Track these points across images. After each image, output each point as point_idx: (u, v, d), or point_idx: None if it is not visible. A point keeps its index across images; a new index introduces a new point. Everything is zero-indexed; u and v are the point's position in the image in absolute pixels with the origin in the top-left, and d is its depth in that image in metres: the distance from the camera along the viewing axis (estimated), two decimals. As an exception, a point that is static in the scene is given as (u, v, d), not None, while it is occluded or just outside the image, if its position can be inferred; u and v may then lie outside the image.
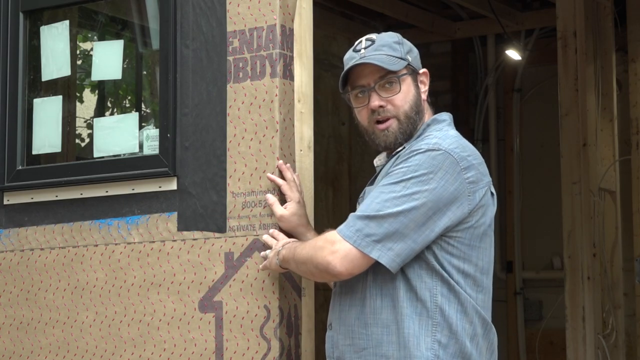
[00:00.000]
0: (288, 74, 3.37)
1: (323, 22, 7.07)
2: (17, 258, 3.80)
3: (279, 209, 3.26)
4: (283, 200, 3.28)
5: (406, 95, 3.04)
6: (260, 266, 3.24)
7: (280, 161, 3.30)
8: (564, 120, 6.27)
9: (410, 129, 3.04)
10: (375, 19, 7.73)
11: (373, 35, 3.10)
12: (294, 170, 3.34)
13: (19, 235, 3.81)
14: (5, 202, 3.86)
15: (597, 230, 6.33)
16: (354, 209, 3.07)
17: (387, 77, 3.03)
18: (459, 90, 7.96)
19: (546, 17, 7.20)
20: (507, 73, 8.04)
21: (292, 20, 3.40)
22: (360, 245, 2.87)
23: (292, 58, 3.39)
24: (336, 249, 2.89)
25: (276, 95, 3.34)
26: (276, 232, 3.25)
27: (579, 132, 6.23)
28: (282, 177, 3.29)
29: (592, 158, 6.27)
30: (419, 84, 3.09)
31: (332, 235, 2.93)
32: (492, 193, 3.01)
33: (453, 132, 3.03)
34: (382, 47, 3.04)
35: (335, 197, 7.42)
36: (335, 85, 7.56)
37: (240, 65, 3.42)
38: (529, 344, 7.80)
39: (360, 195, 3.15)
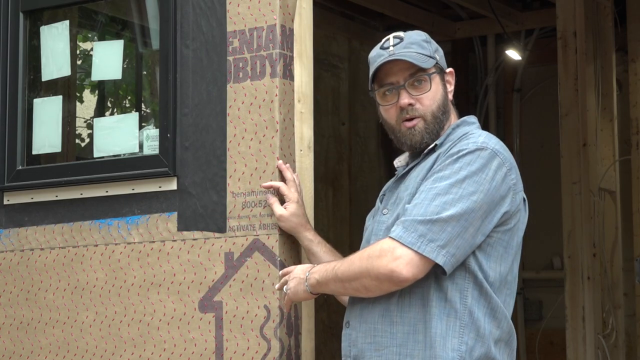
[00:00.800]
0: (288, 74, 3.37)
1: (323, 22, 7.06)
2: (17, 258, 3.80)
3: (278, 209, 3.25)
4: (283, 200, 3.28)
5: (435, 94, 3.00)
6: (284, 302, 3.13)
7: (280, 161, 3.29)
8: (564, 120, 6.27)
9: (437, 129, 3.00)
10: (375, 19, 7.73)
11: (401, 33, 3.04)
12: (294, 170, 3.34)
13: (19, 235, 3.81)
14: (5, 202, 3.86)
15: (597, 230, 6.33)
16: (354, 209, 3.07)
17: (417, 75, 2.98)
18: (459, 90, 7.92)
19: (546, 17, 7.20)
20: (507, 73, 8.05)
21: (292, 20, 3.40)
22: (425, 251, 2.79)
23: (292, 58, 3.39)
24: (398, 255, 2.80)
25: (276, 95, 3.34)
26: (285, 270, 3.16)
27: (579, 132, 6.23)
28: (282, 177, 3.28)
29: (592, 158, 6.27)
30: (446, 84, 3.05)
31: (388, 242, 2.83)
32: (524, 198, 2.98)
33: (487, 133, 3.00)
34: (411, 45, 2.99)
35: (335, 197, 7.42)
36: (335, 85, 7.59)
37: (240, 65, 3.42)
38: (529, 344, 7.80)
39: (379, 198, 3.09)
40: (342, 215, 7.38)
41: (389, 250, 2.81)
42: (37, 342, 3.71)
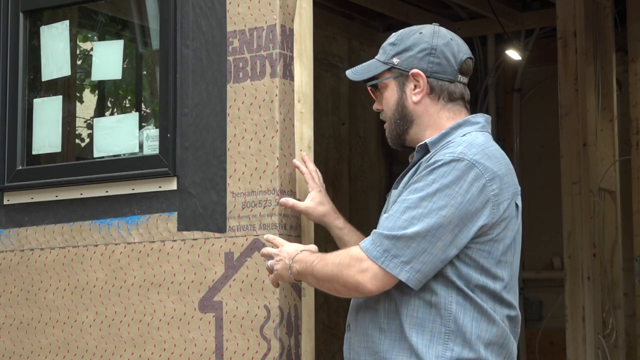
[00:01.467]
0: (288, 74, 3.37)
1: (323, 22, 7.06)
2: (17, 258, 3.80)
3: (301, 205, 3.26)
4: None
5: (388, 100, 3.01)
6: (271, 278, 3.13)
7: (304, 153, 3.32)
8: (564, 120, 6.27)
9: (399, 132, 2.99)
10: (375, 19, 7.73)
11: (392, 34, 3.06)
12: (295, 169, 3.34)
13: (19, 235, 3.81)
14: (5, 202, 3.86)
15: (597, 230, 6.33)
16: (354, 209, 3.07)
17: (369, 84, 3.05)
18: (459, 90, 7.95)
19: (546, 17, 7.20)
20: (507, 73, 8.04)
21: (292, 20, 3.40)
22: (388, 267, 2.79)
23: (292, 58, 3.39)
24: (364, 267, 2.81)
25: (276, 95, 3.34)
26: (271, 237, 3.18)
27: (579, 132, 6.23)
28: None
29: (592, 158, 6.27)
30: (407, 86, 2.98)
31: (357, 252, 2.83)
32: (516, 205, 2.91)
33: (482, 138, 2.92)
34: (380, 50, 3.04)
35: (335, 197, 7.40)
36: (335, 85, 7.59)
37: (240, 65, 3.42)
38: (529, 344, 7.80)
39: (387, 198, 3.07)
40: (343, 215, 7.37)
41: (357, 261, 2.82)
42: (37, 342, 3.71)
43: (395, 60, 2.98)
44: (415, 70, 2.96)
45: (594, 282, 6.17)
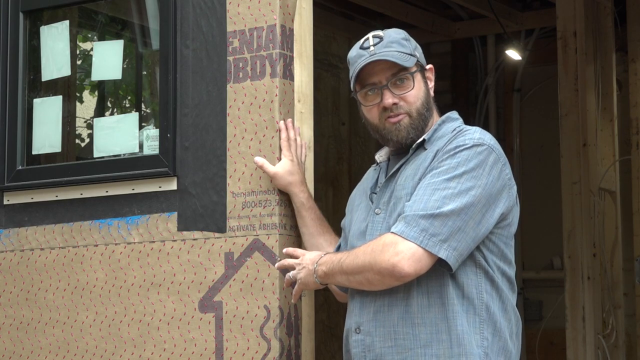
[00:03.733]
0: (288, 74, 3.37)
1: (323, 22, 7.06)
2: (17, 258, 3.79)
3: (270, 168, 3.26)
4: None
5: (418, 91, 3.02)
6: (293, 292, 3.13)
7: (289, 120, 3.32)
8: (564, 120, 6.27)
9: (422, 125, 3.02)
10: (375, 19, 7.72)
11: (380, 32, 3.05)
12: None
13: (19, 235, 3.81)
14: (5, 202, 3.86)
15: (597, 230, 6.33)
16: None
17: (399, 74, 2.99)
18: (459, 90, 7.96)
19: (546, 17, 7.20)
20: (507, 73, 8.04)
21: (292, 20, 3.40)
22: (427, 245, 2.80)
23: (292, 58, 3.39)
24: (400, 249, 2.80)
25: (276, 95, 3.34)
26: (291, 250, 3.18)
27: (579, 132, 6.23)
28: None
29: (592, 158, 6.27)
30: (427, 80, 3.07)
31: (390, 237, 2.83)
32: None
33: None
34: (391, 44, 3.00)
35: (335, 197, 7.41)
36: (335, 85, 7.59)
37: (240, 65, 3.42)
38: (529, 344, 7.79)
39: (368, 197, 3.09)
40: (342, 215, 7.36)
41: (391, 245, 2.82)
42: (37, 342, 3.71)
43: (417, 54, 3.05)
44: (431, 66, 3.10)
45: (594, 282, 6.17)
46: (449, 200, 2.82)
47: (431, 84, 3.09)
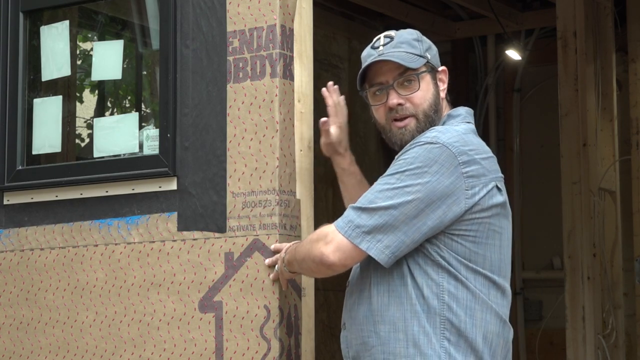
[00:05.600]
0: (288, 74, 3.37)
1: (323, 22, 7.06)
2: (17, 258, 3.79)
3: (329, 137, 3.33)
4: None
5: (425, 93, 3.01)
6: (271, 276, 3.23)
7: (330, 82, 3.36)
8: (564, 120, 6.27)
9: (428, 128, 3.00)
10: (375, 19, 7.72)
11: (392, 32, 3.05)
12: (294, 169, 3.34)
13: (19, 235, 3.81)
14: (5, 202, 3.86)
15: (597, 230, 6.32)
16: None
17: (406, 75, 2.99)
18: (459, 90, 7.96)
19: (546, 17, 7.20)
20: (507, 73, 8.04)
21: (292, 20, 3.40)
22: (350, 236, 2.86)
23: (292, 58, 3.39)
24: (330, 239, 2.88)
25: (276, 95, 3.34)
26: (277, 245, 3.25)
27: (579, 132, 6.23)
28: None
29: (592, 158, 6.27)
30: (438, 82, 3.05)
31: (327, 227, 2.93)
32: (498, 188, 2.93)
33: (462, 126, 2.97)
34: (401, 44, 3.00)
35: (335, 197, 7.39)
36: (335, 85, 7.58)
37: (240, 65, 3.42)
38: (529, 344, 7.80)
39: None
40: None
41: (325, 235, 2.90)
42: (37, 342, 3.71)
43: (429, 55, 3.04)
44: (444, 68, 3.08)
45: (594, 282, 6.17)
46: (382, 195, 2.85)
47: (443, 86, 3.06)
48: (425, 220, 2.83)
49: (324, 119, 3.32)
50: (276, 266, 3.21)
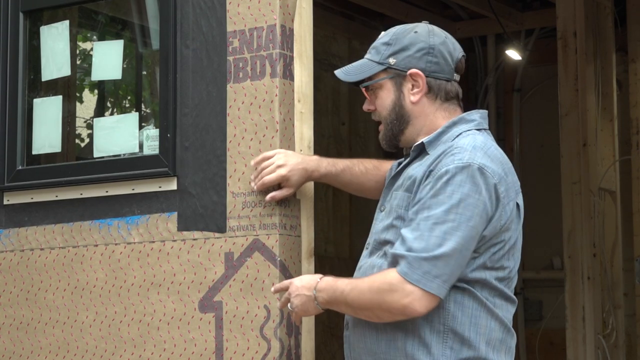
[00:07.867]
0: (288, 74, 3.37)
1: (323, 22, 7.06)
2: (17, 258, 3.79)
3: (287, 191, 3.25)
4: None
5: (383, 100, 2.98)
6: (294, 318, 3.09)
7: (252, 162, 3.29)
8: (564, 120, 6.27)
9: (394, 133, 2.98)
10: (375, 19, 7.73)
11: (382, 33, 3.03)
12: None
13: (19, 235, 3.81)
14: (5, 202, 3.86)
15: (597, 230, 6.33)
16: (354, 209, 3.06)
17: (362, 85, 3.02)
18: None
19: (546, 17, 7.21)
20: (507, 73, 8.05)
21: (292, 20, 3.40)
22: (432, 288, 2.75)
23: (292, 58, 3.39)
24: (408, 291, 2.76)
25: (276, 95, 3.34)
26: (278, 286, 3.16)
27: (579, 132, 6.23)
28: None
29: (592, 158, 6.27)
30: (404, 86, 2.96)
31: (396, 278, 2.78)
32: (518, 205, 2.90)
33: (480, 138, 2.89)
34: (371, 50, 3.01)
35: (335, 197, 7.41)
36: (335, 85, 7.58)
37: (240, 65, 3.42)
38: (529, 344, 7.80)
39: (382, 192, 3.07)
40: (342, 215, 7.37)
41: (399, 286, 2.77)
42: (37, 342, 3.71)
43: (392, 60, 2.96)
44: (414, 70, 2.95)
45: (594, 282, 6.17)
46: (449, 236, 2.75)
47: (416, 89, 2.95)
48: (472, 248, 2.81)
49: (269, 197, 3.26)
50: (289, 304, 3.04)
